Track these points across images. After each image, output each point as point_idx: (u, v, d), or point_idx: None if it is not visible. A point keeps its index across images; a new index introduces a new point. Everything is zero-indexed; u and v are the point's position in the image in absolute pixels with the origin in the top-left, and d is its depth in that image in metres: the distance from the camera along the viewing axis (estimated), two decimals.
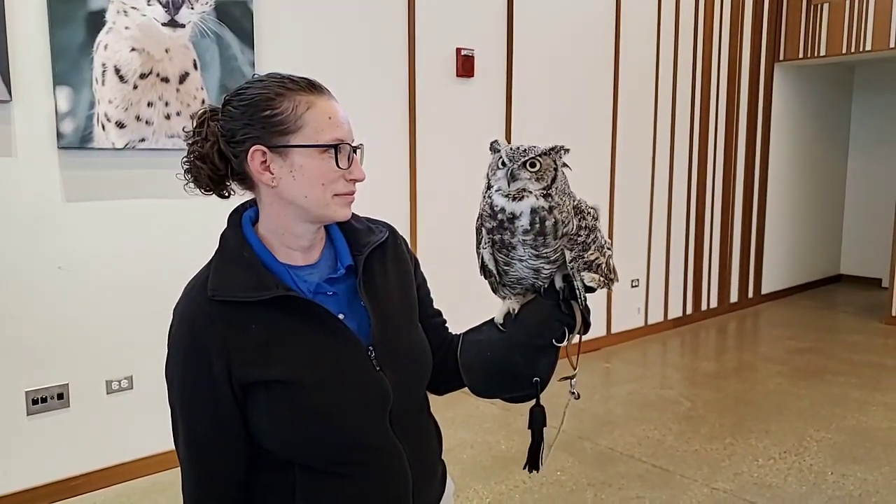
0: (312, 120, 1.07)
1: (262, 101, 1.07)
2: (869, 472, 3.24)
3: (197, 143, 1.11)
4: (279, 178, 1.08)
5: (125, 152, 3.02)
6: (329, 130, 1.08)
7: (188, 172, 1.13)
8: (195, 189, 1.14)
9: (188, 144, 1.13)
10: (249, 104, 1.08)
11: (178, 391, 1.09)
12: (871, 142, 7.68)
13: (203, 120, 1.12)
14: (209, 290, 1.07)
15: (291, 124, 1.07)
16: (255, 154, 1.07)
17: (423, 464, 1.19)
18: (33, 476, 2.93)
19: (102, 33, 2.88)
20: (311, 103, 1.08)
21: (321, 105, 1.09)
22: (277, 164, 1.08)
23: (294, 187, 1.09)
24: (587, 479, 3.19)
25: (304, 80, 1.10)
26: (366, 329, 1.14)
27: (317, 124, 1.08)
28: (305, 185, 1.09)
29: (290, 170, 1.08)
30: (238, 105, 1.09)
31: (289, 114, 1.07)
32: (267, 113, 1.07)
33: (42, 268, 2.88)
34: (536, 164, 1.10)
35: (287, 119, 1.07)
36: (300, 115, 1.07)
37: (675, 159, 5.69)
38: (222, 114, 1.10)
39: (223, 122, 1.09)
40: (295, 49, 3.49)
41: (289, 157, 1.08)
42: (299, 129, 1.07)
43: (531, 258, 1.13)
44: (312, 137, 1.07)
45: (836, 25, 6.07)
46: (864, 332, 5.86)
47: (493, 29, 4.36)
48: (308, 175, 1.08)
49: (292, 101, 1.07)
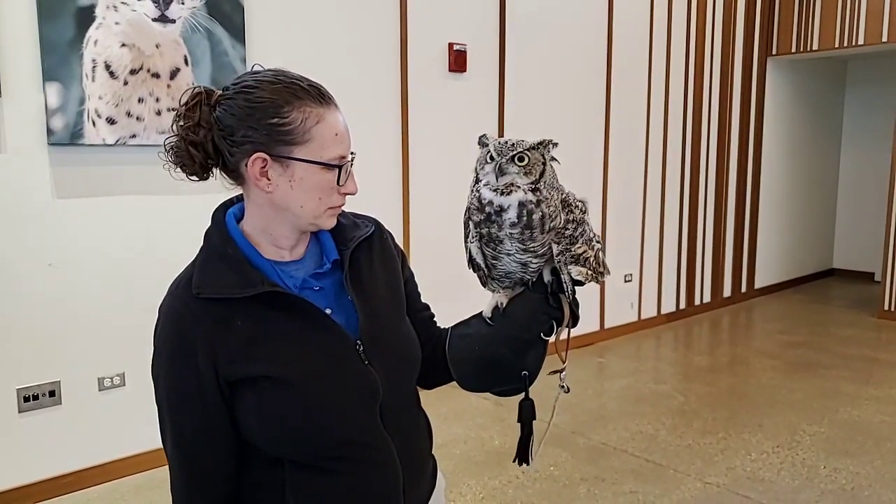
0: (320, 135, 1.06)
1: (270, 106, 1.04)
2: (861, 466, 3.25)
3: (189, 128, 1.07)
4: (276, 185, 1.07)
5: (116, 148, 3.01)
6: (334, 147, 1.07)
7: (176, 156, 1.09)
8: (178, 171, 1.10)
9: (177, 125, 1.08)
10: (256, 107, 1.04)
11: (165, 390, 1.08)
12: (864, 136, 7.70)
13: (196, 103, 1.07)
14: (194, 288, 1.06)
15: (299, 136, 1.05)
16: (257, 161, 1.05)
17: (413, 458, 1.19)
18: (25, 474, 2.92)
19: (92, 29, 2.87)
20: (320, 117, 1.06)
21: (329, 120, 1.07)
22: (277, 171, 1.06)
23: (290, 197, 1.08)
24: (580, 473, 3.19)
25: (314, 89, 1.08)
26: (353, 323, 1.13)
27: (323, 140, 1.06)
28: (302, 196, 1.08)
29: (290, 180, 1.07)
30: (242, 104, 1.05)
31: (297, 125, 1.05)
32: (275, 120, 1.04)
33: (33, 265, 2.87)
34: (525, 159, 1.10)
35: (295, 130, 1.05)
36: (308, 129, 1.05)
37: (668, 154, 5.70)
38: (222, 107, 1.06)
39: (221, 115, 1.06)
40: (286, 44, 3.48)
41: (289, 168, 1.06)
42: (306, 142, 1.05)
43: (518, 252, 1.13)
44: (318, 153, 1.06)
45: (828, 20, 6.09)
46: (856, 326, 5.88)
47: (485, 24, 4.35)
48: (306, 188, 1.07)
49: (302, 111, 1.05)
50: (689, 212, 5.98)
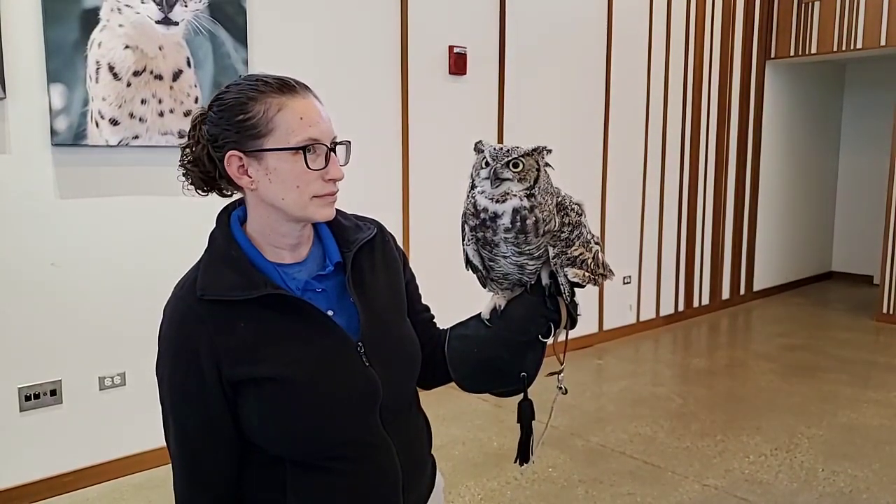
0: (283, 122, 1.07)
1: (235, 105, 1.07)
2: (859, 469, 3.26)
3: (190, 146, 1.13)
4: (257, 181, 1.09)
5: (119, 149, 3.02)
6: (300, 131, 1.07)
7: (185, 175, 1.14)
8: (194, 191, 1.15)
9: (182, 148, 1.14)
10: (225, 109, 1.08)
11: (169, 390, 1.10)
12: (862, 139, 7.71)
13: (196, 123, 1.13)
14: (198, 290, 1.08)
15: (263, 127, 1.07)
16: (232, 159, 1.08)
17: (412, 458, 1.21)
18: (26, 472, 2.94)
19: (96, 31, 2.88)
20: (282, 105, 1.07)
21: (292, 105, 1.08)
22: (254, 167, 1.08)
23: (271, 190, 1.09)
24: (578, 475, 3.21)
25: (277, 81, 1.09)
26: (355, 325, 1.14)
27: (287, 126, 1.07)
28: (281, 187, 1.09)
29: (266, 173, 1.08)
30: (217, 110, 1.09)
31: (260, 117, 1.06)
32: (240, 117, 1.07)
33: (35, 264, 2.89)
34: (519, 165, 1.12)
35: (259, 122, 1.06)
36: (271, 118, 1.07)
37: (667, 157, 5.71)
38: (207, 121, 1.11)
39: (207, 128, 1.10)
40: (288, 47, 3.50)
41: (263, 161, 1.08)
42: (270, 131, 1.07)
43: (514, 255, 1.15)
44: (283, 140, 1.07)
45: (827, 23, 6.10)
46: (854, 329, 5.89)
47: (485, 27, 4.37)
48: (283, 178, 1.08)
49: (264, 103, 1.07)
50: (687, 214, 5.99)
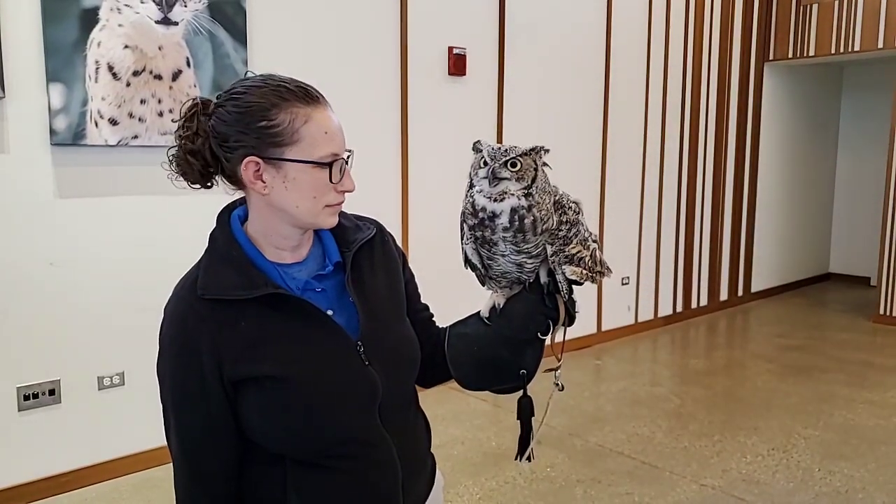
0: (308, 135, 1.07)
1: (258, 110, 1.06)
2: (855, 469, 3.27)
3: (188, 137, 1.10)
4: (271, 187, 1.08)
5: (118, 149, 3.03)
6: (324, 145, 1.08)
7: (177, 165, 1.12)
8: (180, 180, 1.13)
9: (177, 136, 1.11)
10: (245, 112, 1.06)
11: (170, 389, 1.10)
12: (860, 141, 7.73)
13: (193, 114, 1.10)
14: (199, 289, 1.08)
15: (287, 137, 1.06)
16: (249, 165, 1.07)
17: (412, 457, 1.21)
18: (24, 472, 2.94)
19: (96, 30, 2.89)
20: (308, 116, 1.07)
21: (318, 118, 1.08)
22: (270, 174, 1.08)
23: (286, 197, 1.09)
24: (577, 475, 3.21)
25: (301, 90, 1.09)
26: (354, 324, 1.15)
27: (313, 139, 1.07)
28: (297, 196, 1.09)
29: (283, 181, 1.08)
30: (232, 110, 1.07)
31: (285, 126, 1.06)
32: (263, 124, 1.06)
33: (34, 264, 2.89)
34: (517, 164, 1.12)
35: (284, 132, 1.06)
36: (297, 129, 1.06)
37: (666, 158, 5.72)
38: (215, 115, 1.09)
39: (215, 123, 1.08)
40: (287, 47, 3.50)
41: (282, 169, 1.07)
42: (295, 142, 1.06)
43: (512, 253, 1.15)
44: (308, 152, 1.07)
45: (825, 26, 6.12)
46: (852, 330, 5.91)
47: (485, 28, 4.37)
48: (301, 188, 1.08)
49: (290, 112, 1.06)
50: (686, 215, 6.00)
